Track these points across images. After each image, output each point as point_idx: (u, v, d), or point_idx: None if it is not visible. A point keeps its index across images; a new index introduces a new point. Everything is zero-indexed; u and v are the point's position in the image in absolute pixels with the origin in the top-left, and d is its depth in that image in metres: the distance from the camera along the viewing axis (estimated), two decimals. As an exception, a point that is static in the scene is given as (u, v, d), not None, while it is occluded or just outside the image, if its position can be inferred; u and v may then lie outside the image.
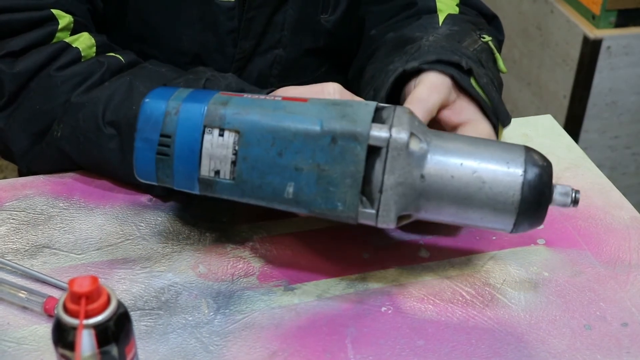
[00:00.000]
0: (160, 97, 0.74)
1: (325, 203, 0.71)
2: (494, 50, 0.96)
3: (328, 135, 0.70)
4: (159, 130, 0.72)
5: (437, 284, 0.81)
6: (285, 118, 0.71)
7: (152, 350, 0.72)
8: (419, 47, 0.89)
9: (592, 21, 1.91)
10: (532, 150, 0.73)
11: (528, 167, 0.71)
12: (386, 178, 0.70)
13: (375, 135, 0.70)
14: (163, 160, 0.73)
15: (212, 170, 0.72)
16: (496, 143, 0.75)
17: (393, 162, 0.70)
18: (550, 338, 0.75)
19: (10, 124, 0.90)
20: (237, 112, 0.72)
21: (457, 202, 0.72)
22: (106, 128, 0.86)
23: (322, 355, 0.72)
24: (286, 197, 0.72)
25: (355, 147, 0.70)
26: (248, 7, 0.99)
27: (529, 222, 0.72)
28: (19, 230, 0.84)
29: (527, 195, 0.71)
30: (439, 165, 0.71)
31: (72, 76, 0.88)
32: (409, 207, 0.72)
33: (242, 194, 0.73)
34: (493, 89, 0.87)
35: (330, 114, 0.71)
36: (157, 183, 0.75)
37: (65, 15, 0.91)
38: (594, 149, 2.01)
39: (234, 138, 0.71)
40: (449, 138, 0.74)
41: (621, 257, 0.85)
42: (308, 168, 0.71)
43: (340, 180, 0.70)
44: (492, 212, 0.71)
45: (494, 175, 0.71)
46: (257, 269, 0.81)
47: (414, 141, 0.71)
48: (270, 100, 0.73)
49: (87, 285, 0.59)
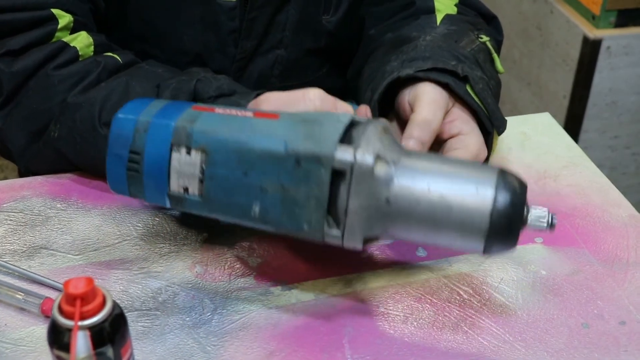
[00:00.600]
0: (132, 111, 0.74)
1: (291, 223, 0.70)
2: (491, 50, 0.95)
3: (292, 157, 0.68)
4: (129, 147, 0.73)
5: (435, 283, 0.80)
6: (251, 138, 0.70)
7: (150, 350, 0.72)
8: (415, 46, 0.89)
9: (592, 21, 1.91)
10: (507, 173, 0.69)
11: (499, 192, 0.68)
12: (351, 202, 0.68)
13: (340, 158, 0.67)
14: (133, 176, 0.73)
15: (181, 187, 0.72)
16: (469, 164, 0.71)
17: (357, 185, 0.68)
18: (548, 336, 0.75)
19: (8, 123, 0.90)
20: (203, 131, 0.71)
21: (424, 227, 0.69)
22: (102, 129, 0.86)
23: (320, 355, 0.72)
24: (253, 216, 0.71)
25: (319, 170, 0.68)
26: (250, 7, 0.99)
27: (499, 247, 0.69)
28: (17, 231, 0.84)
29: (496, 222, 0.67)
30: (405, 190, 0.68)
31: (69, 76, 0.89)
32: (375, 229, 0.70)
33: (210, 210, 0.73)
34: (489, 93, 0.87)
35: (296, 134, 0.69)
36: (130, 196, 0.75)
37: (65, 15, 0.91)
38: (594, 149, 2.00)
39: (201, 157, 0.71)
40: (420, 158, 0.71)
41: (619, 255, 0.85)
42: (273, 189, 0.69)
43: (305, 202, 0.69)
44: (461, 237, 0.69)
45: (462, 201, 0.68)
46: (254, 269, 0.81)
47: (380, 164, 0.68)
48: (240, 118, 0.72)
49: (82, 286, 0.59)
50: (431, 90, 0.83)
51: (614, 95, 1.96)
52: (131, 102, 0.76)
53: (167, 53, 1.01)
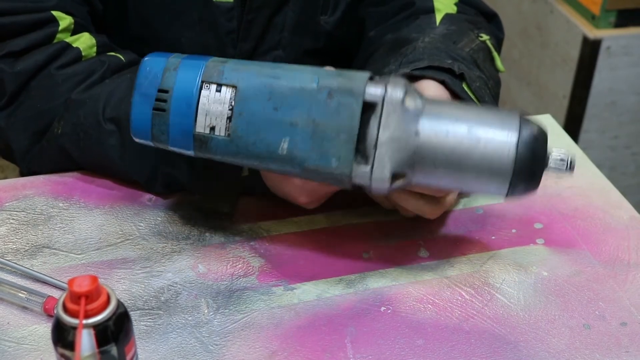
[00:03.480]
0: (160, 55, 0.75)
1: (320, 159, 0.71)
2: (491, 49, 0.96)
3: (324, 90, 0.71)
4: (157, 86, 0.73)
5: (437, 283, 0.81)
6: (283, 75, 0.72)
7: (152, 350, 0.72)
8: (414, 48, 0.89)
9: (592, 21, 1.91)
10: (526, 115, 0.73)
11: (523, 128, 0.71)
12: (381, 133, 0.70)
13: (371, 91, 0.70)
14: (159, 115, 0.73)
15: (207, 126, 0.73)
16: (491, 107, 0.75)
17: (388, 117, 0.70)
18: (550, 337, 0.75)
19: (11, 123, 0.90)
20: (235, 69, 0.73)
21: (451, 161, 0.71)
22: (106, 124, 0.86)
23: (322, 355, 0.72)
24: (280, 154, 0.72)
25: (351, 102, 0.70)
26: (248, 8, 0.99)
27: (524, 183, 0.71)
28: (19, 230, 0.84)
29: (523, 154, 0.70)
30: (434, 122, 0.71)
31: (73, 75, 0.89)
32: (403, 164, 0.71)
33: (236, 151, 0.73)
34: (486, 92, 0.87)
35: (327, 73, 0.72)
36: (152, 142, 0.75)
37: (66, 17, 0.91)
38: (594, 149, 2.01)
39: (230, 93, 0.72)
40: (443, 102, 0.75)
41: (620, 256, 0.85)
42: (303, 123, 0.71)
43: (335, 136, 0.70)
44: (487, 171, 0.71)
45: (489, 134, 0.71)
46: (256, 269, 0.81)
47: (409, 98, 0.71)
48: (269, 62, 0.75)
49: (87, 284, 0.59)
50: (433, 86, 0.84)
51: (613, 96, 1.96)
52: (155, 52, 0.76)
53: None
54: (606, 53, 1.89)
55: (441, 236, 0.87)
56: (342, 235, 0.86)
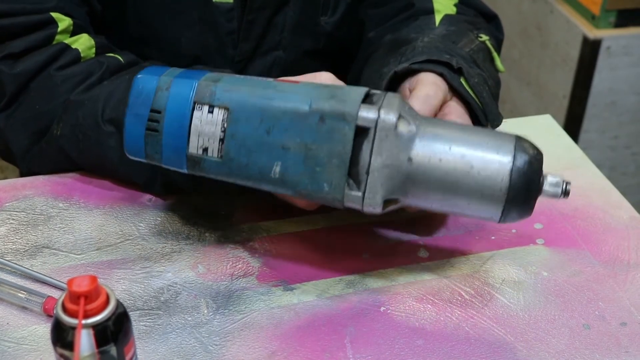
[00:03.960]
0: (153, 73, 0.74)
1: (312, 184, 0.71)
2: (491, 49, 0.96)
3: (316, 114, 0.70)
4: (150, 106, 0.73)
5: (436, 283, 0.81)
6: (275, 96, 0.71)
7: (152, 350, 0.72)
8: (413, 48, 0.89)
9: (592, 21, 1.91)
10: (523, 139, 0.72)
11: (518, 154, 0.70)
12: (373, 159, 0.69)
13: (364, 115, 0.69)
14: (152, 135, 0.73)
15: (200, 147, 0.72)
16: (486, 130, 0.74)
17: (381, 143, 0.69)
18: (549, 337, 0.75)
19: (10, 124, 0.90)
20: (227, 89, 0.72)
21: (444, 187, 0.71)
22: (105, 125, 0.86)
23: (322, 355, 0.72)
24: (273, 177, 0.71)
25: (343, 127, 0.69)
26: (248, 9, 0.99)
27: (517, 211, 0.71)
28: (19, 230, 0.84)
29: (516, 182, 0.69)
30: (427, 149, 0.70)
31: (72, 76, 0.89)
32: (395, 190, 0.71)
33: (229, 172, 0.73)
34: (485, 88, 0.87)
35: (319, 94, 0.71)
36: (146, 160, 0.75)
37: (65, 18, 0.91)
38: (594, 149, 2.01)
39: (223, 115, 0.71)
40: (438, 123, 0.73)
41: (620, 256, 0.85)
42: (295, 147, 0.70)
43: (327, 161, 0.70)
44: (480, 198, 0.70)
45: (483, 161, 0.70)
46: (256, 269, 0.81)
47: (403, 123, 0.70)
48: (262, 80, 0.74)
49: (86, 284, 0.59)
50: (432, 75, 0.84)
51: (613, 96, 1.96)
52: (149, 67, 0.76)
53: (165, 55, 1.01)
54: (606, 53, 1.89)
55: (441, 236, 0.87)
56: (342, 235, 0.86)
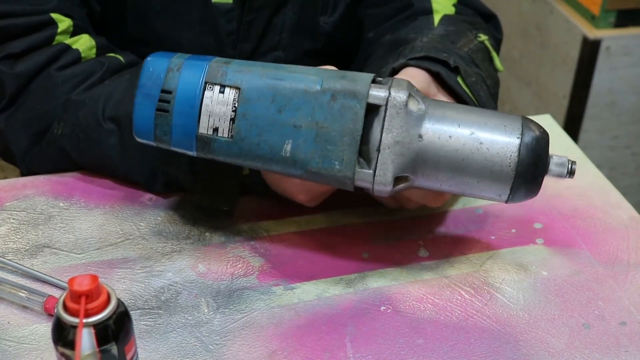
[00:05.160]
0: (163, 55, 0.75)
1: (323, 161, 0.71)
2: (490, 49, 0.96)
3: (328, 92, 0.71)
4: (160, 86, 0.73)
5: (436, 283, 0.81)
6: (286, 76, 0.72)
7: (152, 349, 0.72)
8: (412, 48, 0.90)
9: (592, 21, 1.91)
10: (529, 119, 0.74)
11: (525, 131, 0.71)
12: (384, 136, 0.70)
13: (375, 93, 0.71)
14: (162, 116, 0.73)
15: (210, 127, 0.73)
16: (493, 111, 0.75)
17: (391, 120, 0.70)
18: (549, 337, 0.75)
19: (11, 125, 0.90)
20: (238, 70, 0.73)
21: (454, 164, 0.72)
22: (106, 123, 0.86)
23: (322, 354, 0.72)
24: (283, 156, 0.72)
25: (354, 105, 0.70)
26: (247, 9, 0.99)
27: (525, 188, 0.72)
28: (19, 230, 0.84)
29: (525, 158, 0.71)
30: (437, 126, 0.72)
31: (73, 76, 0.89)
32: (406, 168, 0.72)
33: (239, 152, 0.73)
34: (483, 88, 0.88)
35: (330, 75, 0.72)
36: (154, 142, 0.75)
37: (65, 19, 0.91)
38: (594, 149, 2.01)
39: (234, 95, 0.72)
40: (446, 105, 0.74)
41: (620, 256, 0.85)
42: (307, 125, 0.71)
43: (338, 138, 0.71)
44: (489, 175, 0.71)
45: (492, 137, 0.71)
46: (256, 269, 0.81)
47: (412, 101, 0.71)
48: (272, 63, 0.75)
49: (87, 284, 0.59)
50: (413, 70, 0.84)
51: (613, 96, 1.96)
52: (158, 52, 0.76)
53: None
54: (606, 53, 1.89)
55: (441, 236, 0.87)
56: (342, 234, 0.86)
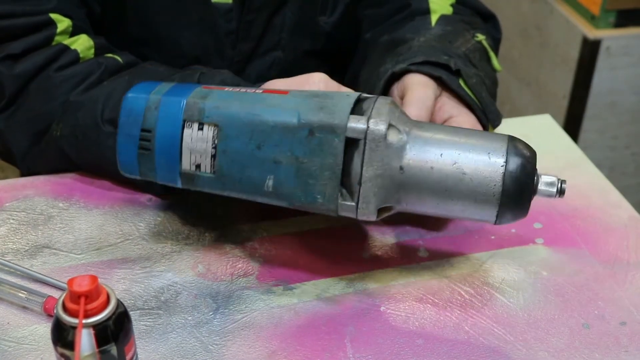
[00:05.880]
0: (142, 91, 0.74)
1: (305, 196, 0.71)
2: (487, 49, 0.96)
3: (305, 127, 0.70)
4: (140, 125, 0.73)
5: (436, 283, 0.81)
6: (263, 111, 0.71)
7: (152, 349, 0.72)
8: (409, 47, 0.90)
9: (592, 21, 1.91)
10: (516, 139, 0.72)
11: (510, 157, 0.70)
12: (365, 170, 0.70)
13: (353, 127, 0.69)
14: (145, 155, 0.73)
15: (193, 164, 0.73)
16: (478, 133, 0.74)
17: (371, 153, 0.69)
18: (549, 337, 0.75)
19: (10, 126, 0.90)
20: (215, 106, 0.72)
21: (437, 194, 0.71)
22: (105, 125, 0.86)
23: (322, 355, 0.72)
24: (266, 191, 0.72)
25: (332, 140, 0.69)
26: (247, 9, 0.99)
27: (511, 213, 0.71)
28: (19, 230, 0.84)
29: (509, 186, 0.70)
30: (418, 157, 0.70)
31: (71, 76, 0.89)
32: (389, 199, 0.71)
33: (223, 187, 0.73)
34: (483, 88, 0.88)
35: (308, 106, 0.71)
36: (140, 177, 0.75)
37: (64, 19, 0.91)
38: (593, 149, 2.01)
39: (213, 132, 0.72)
40: (429, 128, 0.73)
41: (619, 256, 0.85)
42: (287, 161, 0.71)
43: (319, 173, 0.70)
44: (474, 203, 0.71)
45: (475, 166, 0.70)
46: (256, 269, 0.81)
47: (392, 132, 0.70)
48: (250, 93, 0.73)
49: (87, 284, 0.59)
50: (419, 76, 0.85)
51: (613, 96, 1.96)
52: (139, 84, 0.76)
53: (164, 56, 1.01)
54: (606, 53, 1.89)
55: (441, 236, 0.87)
56: (342, 235, 0.86)
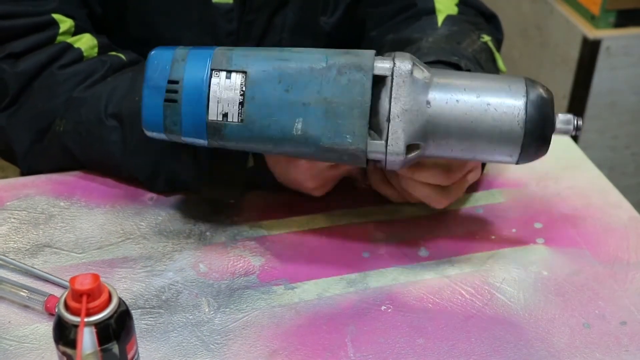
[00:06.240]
0: (167, 48, 0.75)
1: (334, 136, 0.72)
2: (493, 50, 0.96)
3: (333, 68, 0.72)
4: (167, 77, 0.73)
5: (437, 282, 0.81)
6: (291, 57, 0.73)
7: (153, 348, 0.72)
8: (418, 48, 0.90)
9: (592, 21, 1.91)
10: (532, 79, 0.75)
11: (530, 90, 0.73)
12: (393, 106, 0.72)
13: (380, 65, 0.72)
14: (171, 107, 0.73)
15: (220, 113, 0.73)
16: (495, 75, 0.76)
17: (398, 89, 0.72)
18: (550, 336, 0.75)
19: (13, 123, 0.90)
20: (243, 54, 0.73)
21: (463, 128, 0.73)
22: (108, 120, 0.87)
23: (322, 354, 0.72)
24: (295, 134, 0.73)
25: (361, 77, 0.72)
26: (247, 9, 0.99)
27: (535, 145, 0.73)
28: (20, 229, 0.84)
29: (532, 114, 0.72)
30: (443, 91, 0.73)
31: (75, 74, 0.89)
32: (417, 135, 0.73)
33: (250, 135, 0.73)
34: None
35: (334, 52, 0.74)
36: (165, 133, 0.75)
37: (66, 20, 0.91)
38: (594, 149, 2.01)
39: (241, 79, 0.72)
40: (450, 72, 0.76)
41: (620, 256, 0.85)
42: (315, 102, 0.72)
43: (348, 112, 0.72)
44: (499, 135, 0.73)
45: (498, 97, 0.73)
46: (257, 268, 0.81)
47: (417, 70, 0.73)
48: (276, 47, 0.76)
49: (89, 283, 0.59)
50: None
51: (613, 96, 1.96)
52: (162, 46, 0.76)
53: None
54: (606, 53, 1.89)
55: (441, 235, 0.87)
56: (343, 234, 0.86)
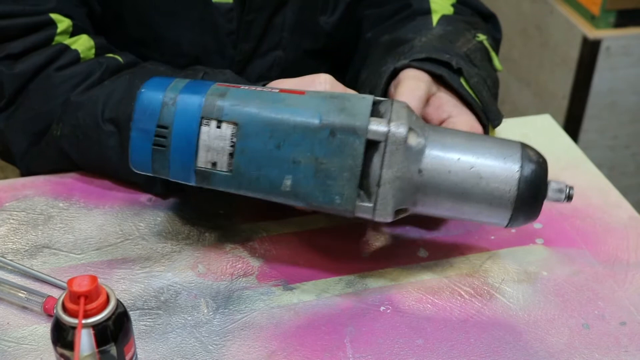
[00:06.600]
0: (157, 87, 0.74)
1: (323, 196, 0.71)
2: (488, 48, 0.96)
3: (327, 128, 0.70)
4: (156, 121, 0.72)
5: (436, 283, 0.81)
6: (284, 111, 0.71)
7: (152, 349, 0.72)
8: (411, 47, 0.90)
9: (592, 21, 1.91)
10: (528, 146, 0.74)
11: (525, 162, 0.72)
12: (384, 172, 0.71)
13: (374, 129, 0.70)
14: (159, 151, 0.73)
15: (208, 161, 0.72)
16: (493, 139, 0.75)
17: (391, 156, 0.70)
18: (549, 337, 0.75)
19: (10, 125, 0.90)
20: (235, 104, 0.72)
21: (454, 197, 0.73)
22: (105, 125, 0.86)
23: (321, 355, 0.72)
24: (283, 190, 0.72)
25: (354, 141, 0.70)
26: (247, 9, 0.99)
27: (524, 216, 0.73)
28: (19, 230, 0.84)
29: (524, 190, 0.72)
30: (436, 160, 0.72)
31: (72, 76, 0.89)
32: (406, 201, 0.72)
33: (238, 186, 0.73)
34: (485, 88, 0.88)
35: (328, 107, 0.71)
36: (152, 174, 0.75)
37: (64, 19, 0.91)
38: (593, 149, 2.01)
39: (231, 130, 0.71)
40: (446, 133, 0.74)
41: (619, 256, 0.85)
42: (306, 161, 0.71)
43: (338, 174, 0.71)
44: (488, 207, 0.73)
45: (491, 171, 0.72)
46: (256, 269, 0.81)
47: (412, 136, 0.71)
48: (268, 92, 0.73)
49: (86, 284, 0.59)
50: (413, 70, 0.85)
51: (613, 96, 1.96)
52: (152, 79, 0.75)
53: (165, 56, 1.01)
54: (606, 53, 1.89)
55: (440, 236, 0.87)
56: (342, 235, 0.86)
